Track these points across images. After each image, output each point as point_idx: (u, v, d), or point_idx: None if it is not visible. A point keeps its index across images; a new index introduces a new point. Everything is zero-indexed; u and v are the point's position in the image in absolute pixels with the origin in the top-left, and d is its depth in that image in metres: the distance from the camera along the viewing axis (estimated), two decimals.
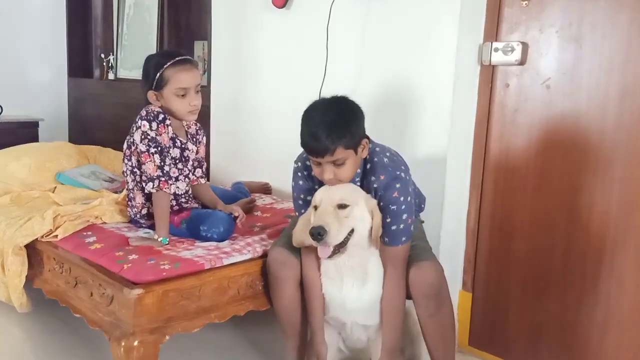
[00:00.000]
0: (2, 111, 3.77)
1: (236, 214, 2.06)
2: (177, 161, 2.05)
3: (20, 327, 2.35)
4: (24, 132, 3.67)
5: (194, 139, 2.13)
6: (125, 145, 2.04)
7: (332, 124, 1.57)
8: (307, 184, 1.75)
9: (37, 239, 2.00)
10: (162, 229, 1.93)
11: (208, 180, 2.41)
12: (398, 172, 1.66)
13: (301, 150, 1.69)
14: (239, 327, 2.37)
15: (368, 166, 1.69)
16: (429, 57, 2.12)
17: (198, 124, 2.17)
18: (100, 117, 3.94)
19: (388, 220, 1.65)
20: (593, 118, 1.89)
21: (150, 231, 2.04)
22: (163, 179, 1.93)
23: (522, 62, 2.01)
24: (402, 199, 1.64)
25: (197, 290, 1.72)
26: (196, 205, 2.15)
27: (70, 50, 4.14)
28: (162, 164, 1.93)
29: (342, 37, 2.39)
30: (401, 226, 1.65)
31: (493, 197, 2.14)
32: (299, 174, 1.76)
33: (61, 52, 4.13)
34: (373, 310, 1.71)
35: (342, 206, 1.59)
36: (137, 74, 3.69)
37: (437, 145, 2.12)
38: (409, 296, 1.71)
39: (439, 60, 2.09)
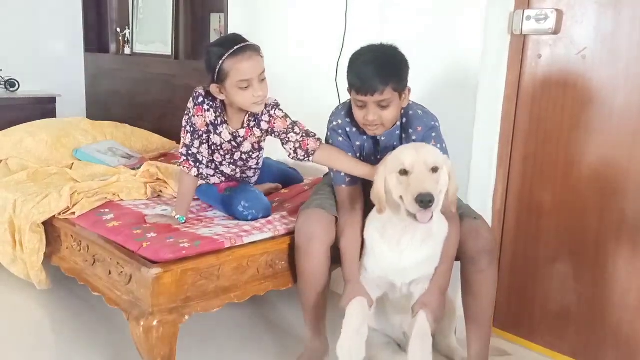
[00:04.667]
0: (19, 87, 3.74)
1: None
2: (219, 148, 1.96)
3: (40, 304, 2.35)
4: (41, 108, 3.63)
5: (257, 121, 1.93)
6: None
7: (384, 63, 1.62)
8: (347, 141, 1.79)
9: (54, 216, 1.98)
10: (180, 208, 1.89)
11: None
12: (433, 122, 1.73)
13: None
14: (259, 307, 2.34)
15: (404, 120, 1.74)
16: (455, 26, 2.01)
17: (268, 100, 1.92)
18: (116, 92, 3.91)
19: None
20: (632, 90, 1.78)
21: (168, 208, 2.00)
22: (185, 157, 1.88)
23: (556, 31, 1.89)
24: (438, 146, 1.70)
25: (216, 270, 1.68)
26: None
27: (86, 24, 4.08)
28: (190, 143, 1.88)
29: (361, 4, 2.28)
30: None
31: (522, 175, 2.06)
32: (340, 131, 1.78)
33: (77, 27, 4.07)
34: (426, 265, 1.67)
35: (434, 170, 1.54)
36: (153, 48, 3.62)
37: (463, 120, 2.03)
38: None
39: (466, 29, 1.98)
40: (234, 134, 1.95)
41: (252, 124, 1.96)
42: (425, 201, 1.46)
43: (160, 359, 1.57)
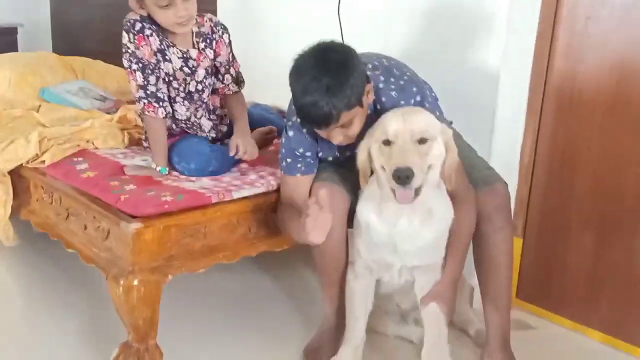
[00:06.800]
0: None
1: (233, 152, 2.03)
2: (171, 78, 2.05)
3: (5, 263, 2.53)
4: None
5: (207, 40, 2.08)
6: None
7: (329, 88, 1.60)
8: (311, 140, 1.84)
9: (21, 164, 2.13)
10: (158, 157, 2.02)
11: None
12: (412, 101, 1.77)
13: None
14: (251, 270, 2.51)
15: (378, 106, 1.79)
16: None
17: (214, 19, 2.11)
18: (88, 21, 3.97)
19: None
20: None
21: (149, 158, 2.13)
22: (146, 100, 1.98)
23: None
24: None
25: (202, 227, 1.83)
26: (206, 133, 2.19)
27: None
28: (145, 82, 1.97)
29: None
30: None
31: (554, 125, 2.15)
32: (304, 129, 1.82)
33: None
34: (429, 250, 1.79)
35: (422, 141, 1.63)
36: None
37: (487, 61, 2.11)
38: None
39: None
40: (185, 56, 2.03)
41: (202, 45, 2.06)
42: (402, 177, 1.55)
43: (141, 321, 1.74)
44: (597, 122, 2.06)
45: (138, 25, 1.94)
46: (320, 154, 1.90)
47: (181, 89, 2.08)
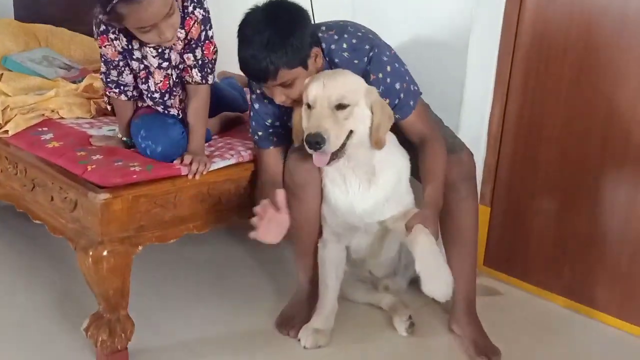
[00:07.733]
0: None
1: (179, 164, 1.84)
2: (149, 73, 1.92)
3: None
4: None
5: (180, 19, 1.83)
6: None
7: (269, 43, 1.63)
8: (274, 108, 1.86)
9: None
10: (123, 131, 2.01)
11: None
12: (366, 58, 1.78)
13: None
14: (224, 240, 2.53)
15: (332, 68, 1.80)
16: None
17: None
18: None
19: (386, 101, 1.78)
20: None
21: (116, 128, 2.11)
22: (105, 86, 1.97)
23: None
24: (381, 75, 1.78)
25: (172, 197, 1.83)
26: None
27: None
28: (107, 71, 1.93)
29: None
30: (401, 95, 1.80)
31: (522, 95, 2.19)
32: (266, 100, 1.85)
33: None
34: (386, 205, 1.82)
35: (341, 106, 1.66)
36: None
37: (457, 29, 2.13)
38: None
39: None
40: (160, 51, 1.88)
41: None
42: (312, 142, 1.61)
43: (112, 292, 1.74)
44: (563, 93, 2.10)
45: (102, 27, 1.84)
46: (289, 124, 1.90)
47: (161, 86, 1.94)
